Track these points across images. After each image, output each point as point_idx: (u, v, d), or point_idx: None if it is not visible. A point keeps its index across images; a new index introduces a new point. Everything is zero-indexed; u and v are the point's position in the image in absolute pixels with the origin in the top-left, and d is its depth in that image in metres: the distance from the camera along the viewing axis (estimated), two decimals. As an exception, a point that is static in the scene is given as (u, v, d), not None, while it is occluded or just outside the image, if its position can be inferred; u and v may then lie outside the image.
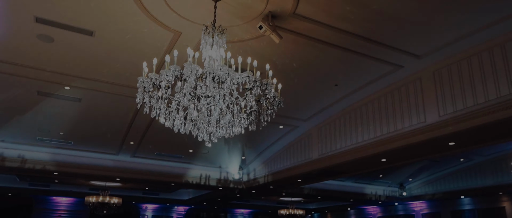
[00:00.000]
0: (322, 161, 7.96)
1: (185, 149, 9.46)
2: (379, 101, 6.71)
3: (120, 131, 8.39)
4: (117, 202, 11.91)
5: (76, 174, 9.58)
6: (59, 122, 8.00)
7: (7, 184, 12.67)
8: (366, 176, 12.15)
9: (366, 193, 13.31)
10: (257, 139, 9.13)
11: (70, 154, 9.22)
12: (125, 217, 16.01)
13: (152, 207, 16.59)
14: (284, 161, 9.41)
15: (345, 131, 7.46)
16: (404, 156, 6.89)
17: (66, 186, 13.39)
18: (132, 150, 9.37)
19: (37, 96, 6.99)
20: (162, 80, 3.58)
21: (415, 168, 12.08)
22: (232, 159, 10.25)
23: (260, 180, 10.24)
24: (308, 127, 8.47)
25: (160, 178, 10.11)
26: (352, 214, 17.77)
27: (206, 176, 10.54)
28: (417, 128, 5.86)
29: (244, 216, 18.71)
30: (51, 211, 14.69)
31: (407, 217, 15.05)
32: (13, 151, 8.81)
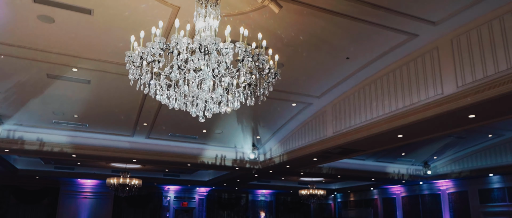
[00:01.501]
0: (337, 138, 7.70)
1: (198, 129, 9.39)
2: (394, 74, 6.35)
3: (132, 112, 8.39)
4: (138, 184, 12.08)
5: (93, 156, 9.71)
6: (72, 105, 8.07)
7: (33, 167, 13.11)
8: (388, 154, 11.77)
9: (389, 172, 12.94)
10: (270, 117, 8.94)
11: (86, 136, 9.34)
12: (148, 198, 16.32)
13: (174, 189, 16.82)
14: (299, 139, 9.20)
15: (359, 107, 7.16)
16: (422, 131, 6.54)
17: (89, 169, 13.73)
18: (146, 131, 9.39)
19: (48, 79, 7.02)
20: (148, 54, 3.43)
21: (440, 146, 11.59)
22: (247, 139, 10.12)
23: (276, 160, 10.09)
24: (322, 104, 8.19)
25: (176, 159, 10.12)
26: (375, 194, 17.42)
27: (221, 157, 10.48)
28: (433, 101, 5.50)
29: (265, 197, 18.71)
30: (76, 193, 15.15)
31: (432, 197, 14.59)
32: (32, 134, 9.00)
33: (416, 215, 15.03)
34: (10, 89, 7.36)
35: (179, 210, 16.94)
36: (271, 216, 18.65)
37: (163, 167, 12.88)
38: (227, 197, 17.90)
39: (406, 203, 15.69)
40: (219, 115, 8.71)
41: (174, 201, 16.86)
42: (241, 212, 18.03)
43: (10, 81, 7.06)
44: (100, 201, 15.34)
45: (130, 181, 11.90)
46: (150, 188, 16.27)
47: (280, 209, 19.08)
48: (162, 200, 16.62)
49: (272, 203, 18.86)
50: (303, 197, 14.92)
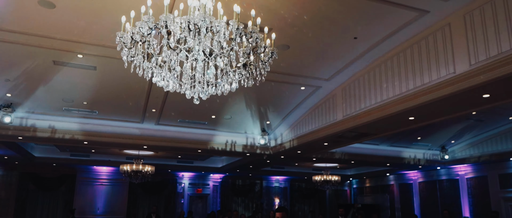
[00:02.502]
0: (346, 122, 7.50)
1: (207, 115, 9.33)
2: (404, 54, 6.09)
3: (140, 98, 8.37)
4: (150, 170, 12.17)
5: (104, 142, 9.79)
6: (80, 92, 8.09)
7: (50, 154, 13.38)
8: (403, 139, 11.48)
9: (404, 157, 12.63)
10: (279, 102, 8.78)
11: (96, 123, 9.40)
12: (163, 185, 16.49)
13: (188, 175, 16.93)
14: (309, 124, 9.03)
15: (369, 89, 6.93)
16: (434, 113, 6.27)
17: (104, 156, 13.92)
18: (155, 117, 9.39)
19: (55, 66, 7.04)
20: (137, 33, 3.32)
21: (458, 129, 11.21)
22: (257, 124, 10.00)
23: (286, 145, 9.96)
24: (332, 87, 7.97)
25: (186, 145, 10.11)
26: (391, 180, 17.13)
27: (232, 142, 10.41)
28: (445, 80, 5.24)
29: (279, 183, 18.66)
30: (93, 180, 15.43)
31: (450, 182, 14.22)
32: (44, 122, 9.11)
33: (434, 201, 14.71)
34: (19, 77, 7.42)
35: (194, 197, 17.08)
36: (285, 202, 18.61)
37: (175, 153, 12.93)
38: (241, 184, 17.92)
39: (423, 188, 15.37)
40: (227, 100, 8.67)
41: (189, 188, 17.00)
42: (255, 198, 18.05)
43: (18, 69, 7.11)
44: (115, 188, 15.60)
45: (143, 168, 11.99)
46: (164, 175, 16.43)
47: (295, 196, 19.01)
48: (177, 186, 16.77)
49: (287, 190, 18.80)
50: (317, 183, 14.78)
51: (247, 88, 8.06)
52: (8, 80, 7.59)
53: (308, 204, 19.22)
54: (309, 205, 19.15)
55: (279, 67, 7.05)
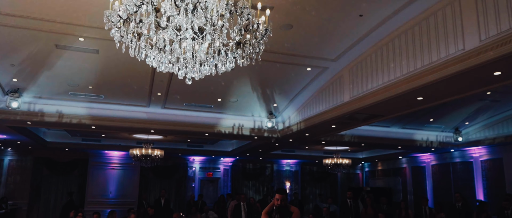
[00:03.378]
0: (353, 103, 7.31)
1: (213, 98, 9.24)
2: (413, 31, 5.83)
3: (145, 81, 8.32)
4: (160, 154, 12.22)
5: (111, 127, 9.83)
6: (85, 76, 8.08)
7: (61, 139, 13.56)
8: (414, 121, 11.21)
9: (416, 140, 12.36)
10: (285, 84, 8.62)
11: (103, 108, 9.42)
12: (174, 169, 16.61)
13: (199, 159, 17.00)
14: (316, 106, 8.87)
15: (376, 69, 6.71)
16: (443, 93, 6.03)
17: (114, 140, 14.03)
18: (161, 101, 9.35)
19: (57, 50, 7.01)
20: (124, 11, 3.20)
21: (472, 110, 10.87)
22: (264, 107, 9.88)
23: (294, 128, 9.82)
24: (339, 67, 7.76)
25: (193, 129, 10.08)
26: (404, 162, 16.87)
27: (239, 126, 10.33)
28: (453, 57, 4.99)
29: (290, 167, 18.60)
30: (105, 164, 15.64)
31: (464, 165, 13.91)
32: (51, 107, 9.16)
33: (447, 184, 14.45)
34: (23, 62, 7.43)
35: (205, 180, 17.18)
36: (296, 186, 18.59)
37: (183, 137, 12.95)
38: (252, 167, 17.93)
39: (436, 171, 15.09)
40: (232, 83, 8.54)
41: (200, 172, 17.09)
42: (266, 182, 18.06)
43: (21, 54, 7.11)
44: (127, 172, 15.78)
45: (152, 152, 12.04)
46: (175, 159, 16.54)
47: (306, 179, 18.95)
48: (188, 170, 16.88)
49: (298, 173, 18.75)
50: (327, 166, 14.65)
51: (252, 71, 7.94)
52: (13, 65, 7.61)
53: (319, 187, 19.15)
54: (320, 189, 19.09)
55: (283, 48, 6.88)
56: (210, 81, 8.41)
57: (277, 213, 4.06)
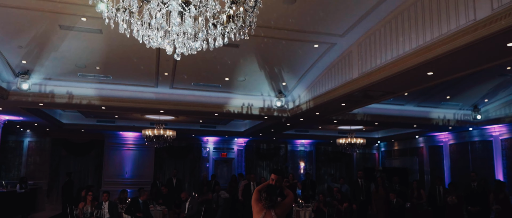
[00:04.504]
0: (361, 79, 7.08)
1: (220, 77, 9.14)
2: (422, 3, 5.53)
3: (150, 61, 8.27)
4: (172, 135, 12.29)
5: (120, 107, 9.88)
6: (91, 56, 8.09)
7: (77, 121, 13.80)
8: (430, 98, 10.85)
9: (432, 118, 11.99)
10: (293, 62, 8.42)
11: (111, 88, 9.46)
12: (188, 150, 16.75)
13: (213, 140, 17.07)
14: (325, 84, 8.65)
15: (385, 44, 6.44)
16: (453, 67, 5.73)
17: (128, 121, 14.19)
18: (168, 81, 9.31)
19: (61, 30, 7.00)
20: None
21: (491, 87, 10.42)
22: (273, 86, 9.72)
23: (303, 107, 9.65)
24: (347, 43, 7.50)
25: (202, 109, 10.03)
26: (421, 142, 16.49)
27: (248, 105, 10.22)
28: (463, 28, 4.70)
29: (305, 147, 18.48)
30: (120, 145, 15.89)
31: (483, 143, 13.48)
32: (61, 88, 9.26)
33: (465, 163, 14.07)
34: (30, 43, 7.47)
35: (219, 161, 17.28)
36: (311, 166, 18.49)
37: (194, 118, 12.96)
38: (266, 148, 17.90)
39: (454, 150, 14.70)
40: (238, 61, 8.40)
41: (213, 152, 17.19)
42: (280, 162, 18.04)
43: (27, 35, 7.14)
44: (142, 153, 16.01)
45: (164, 132, 12.12)
46: (189, 140, 16.66)
47: (321, 159, 18.83)
48: (202, 151, 16.99)
49: (312, 153, 18.62)
50: (341, 146, 14.45)
51: (257, 48, 7.77)
52: (21, 47, 7.67)
53: (334, 167, 19.02)
54: (335, 169, 18.96)
55: (287, 23, 6.66)
56: (216, 60, 8.30)
57: (265, 192, 3.94)
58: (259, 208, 3.99)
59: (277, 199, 4.05)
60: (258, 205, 4.00)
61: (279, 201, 4.05)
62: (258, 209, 3.99)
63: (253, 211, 4.03)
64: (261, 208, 3.97)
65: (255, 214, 4.01)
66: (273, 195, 3.98)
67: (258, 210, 3.99)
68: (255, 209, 4.01)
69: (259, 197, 4.01)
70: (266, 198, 3.95)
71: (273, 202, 3.96)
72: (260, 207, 3.99)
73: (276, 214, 3.94)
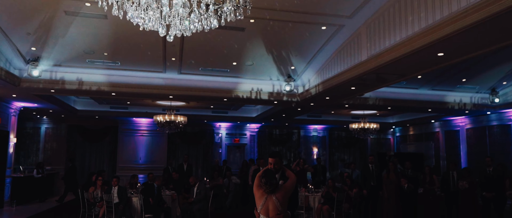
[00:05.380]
0: (370, 62, 6.88)
1: (228, 61, 9.05)
2: (432, -21, 5.28)
3: (157, 47, 8.24)
4: (183, 120, 12.32)
5: (129, 93, 9.93)
6: (99, 42, 8.11)
7: (91, 107, 14.00)
8: (445, 81, 10.52)
9: (448, 102, 11.65)
10: (301, 45, 8.25)
11: (120, 75, 9.49)
12: (201, 135, 16.84)
13: (225, 125, 17.09)
14: (334, 68, 8.47)
15: (394, 24, 6.22)
16: (464, 47, 5.48)
17: (141, 108, 14.32)
18: (176, 66, 9.28)
19: (67, 16, 7.02)
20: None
21: (510, 69, 10.01)
22: (281, 70, 9.58)
23: (312, 91, 9.50)
24: (356, 25, 7.29)
25: (210, 94, 9.99)
26: (436, 127, 16.12)
27: (257, 90, 10.12)
28: (474, 5, 4.47)
29: (318, 132, 18.32)
30: (133, 131, 16.08)
31: (501, 128, 13.06)
32: (71, 75, 9.36)
33: (482, 148, 13.69)
34: (38, 30, 7.53)
35: (231, 146, 17.33)
36: (324, 151, 18.36)
37: (205, 103, 12.96)
38: (278, 133, 17.84)
39: (471, 135, 14.31)
40: (245, 45, 8.28)
41: (226, 138, 17.23)
42: (293, 147, 17.96)
43: (34, 22, 7.19)
44: (155, 139, 16.17)
45: (175, 118, 12.16)
46: (202, 125, 16.72)
47: (334, 145, 18.66)
48: (214, 136, 17.05)
49: (325, 139, 18.46)
50: (354, 131, 14.25)
51: (263, 31, 7.63)
52: (29, 34, 7.74)
53: (348, 153, 18.84)
54: (349, 154, 18.78)
55: (293, 5, 6.50)
56: (223, 45, 8.21)
57: (263, 177, 3.88)
58: (260, 193, 3.96)
59: (278, 182, 3.99)
60: (259, 191, 3.97)
61: (281, 184, 4.00)
62: (260, 195, 3.96)
63: (255, 197, 4.00)
64: (262, 193, 3.94)
65: (257, 200, 3.98)
66: (272, 180, 3.92)
67: (259, 196, 3.96)
68: (257, 195, 3.98)
69: (259, 183, 3.97)
70: (265, 183, 3.90)
71: (273, 186, 3.91)
72: (261, 193, 3.95)
73: (277, 199, 3.89)
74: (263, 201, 3.90)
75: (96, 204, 8.09)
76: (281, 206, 3.87)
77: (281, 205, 3.87)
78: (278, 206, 3.86)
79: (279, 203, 3.87)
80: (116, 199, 7.81)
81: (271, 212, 3.87)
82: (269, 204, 3.89)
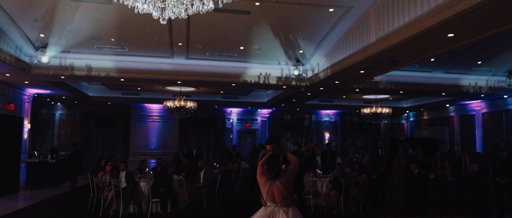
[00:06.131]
0: (378, 44, 6.70)
1: (235, 46, 8.95)
2: (442, -45, 5.04)
3: (163, 32, 8.20)
4: (193, 106, 12.33)
5: (138, 79, 9.96)
6: (105, 28, 8.10)
7: (102, 93, 14.15)
8: (459, 64, 10.20)
9: (462, 85, 11.32)
10: (308, 28, 8.08)
11: (128, 60, 9.52)
12: (212, 121, 16.88)
13: (236, 111, 17.07)
14: (343, 51, 8.30)
15: (403, 5, 6.01)
16: (475, 27, 5.25)
17: (151, 94, 14.40)
18: (183, 51, 9.24)
19: (72, 2, 7.02)
20: None
21: (528, 50, 9.63)
22: (289, 54, 9.43)
23: (321, 75, 9.35)
24: (364, 6, 7.08)
25: (219, 79, 9.95)
26: (451, 111, 15.74)
27: (265, 75, 10.02)
28: (484, -18, 4.26)
29: (330, 118, 18.14)
30: (145, 117, 16.22)
31: (519, 112, 12.69)
32: (80, 61, 9.42)
33: (499, 133, 13.34)
34: (45, 16, 7.57)
35: (242, 132, 17.33)
36: (336, 136, 18.20)
37: (213, 89, 12.93)
38: (290, 118, 17.74)
39: (487, 120, 13.95)
40: (251, 29, 8.16)
41: (237, 123, 17.23)
42: (305, 133, 17.86)
43: (41, 8, 7.22)
44: (167, 124, 16.29)
45: (185, 104, 12.17)
46: (213, 111, 16.75)
47: (346, 130, 18.48)
48: (225, 122, 17.07)
49: (338, 124, 18.29)
50: (366, 116, 14.05)
51: (269, 14, 7.48)
52: (37, 20, 7.78)
53: (360, 138, 18.64)
54: (362, 140, 18.58)
55: (298, -14, 6.34)
56: (228, 28, 8.10)
57: (265, 163, 3.84)
58: (264, 180, 3.94)
59: (281, 168, 3.94)
60: (263, 178, 3.95)
61: (284, 169, 3.95)
62: (264, 182, 3.94)
63: (260, 184, 3.99)
64: (266, 180, 3.92)
65: (262, 187, 3.96)
66: (274, 166, 3.89)
67: (263, 182, 3.95)
68: (261, 182, 3.96)
69: (262, 170, 3.95)
70: (267, 169, 3.88)
71: (275, 172, 3.87)
72: (264, 180, 3.93)
73: (282, 183, 3.86)
74: (268, 188, 3.88)
75: (105, 189, 8.21)
76: (286, 191, 3.83)
77: (286, 189, 3.83)
78: (283, 191, 3.82)
79: (283, 187, 3.83)
80: (123, 184, 7.90)
81: (277, 198, 3.84)
82: (274, 190, 3.86)
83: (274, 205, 3.79)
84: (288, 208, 3.77)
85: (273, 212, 3.76)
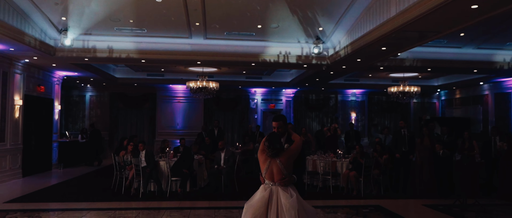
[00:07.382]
0: (398, 17, 6.38)
1: (253, 24, 8.82)
2: None
3: (179, 11, 8.17)
4: (215, 86, 12.35)
5: (158, 60, 10.07)
6: (122, 9, 8.18)
7: (129, 75, 14.45)
8: (491, 39, 9.58)
9: (496, 61, 10.67)
10: (326, 3, 7.81)
11: (148, 41, 9.61)
12: (236, 101, 16.91)
13: (261, 91, 17.00)
14: (364, 27, 7.99)
15: (424, -25, 5.65)
16: (501, -4, 4.88)
17: (176, 75, 14.55)
18: (201, 31, 9.20)
19: (88, -16, 7.10)
20: None
21: None
22: (309, 32, 9.19)
23: (341, 53, 9.07)
24: (384, -21, 6.73)
25: (238, 59, 9.88)
26: (485, 89, 14.94)
27: (285, 53, 9.85)
28: None
29: (356, 97, 17.69)
30: (171, 98, 16.48)
31: (560, 89, 11.85)
32: (102, 43, 9.60)
33: (537, 112, 12.58)
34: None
35: (267, 112, 17.27)
36: (363, 116, 17.80)
37: (236, 69, 12.89)
38: (315, 98, 17.48)
39: (525, 98, 13.16)
40: (268, 6, 7.98)
41: (261, 103, 17.18)
42: (330, 113, 17.56)
43: (59, -10, 7.35)
44: (192, 105, 16.49)
45: (207, 84, 12.21)
46: (237, 91, 16.76)
47: (374, 109, 18.00)
48: (250, 102, 17.06)
49: (365, 103, 17.83)
50: (393, 95, 13.57)
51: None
52: (57, 3, 7.96)
53: (388, 118, 18.13)
54: (390, 120, 18.07)
55: (312, -40, 6.09)
56: (245, 6, 7.97)
57: (267, 140, 3.76)
58: (264, 158, 3.86)
59: (282, 146, 3.86)
60: (263, 155, 3.87)
61: (286, 148, 3.87)
62: (264, 159, 3.87)
63: (260, 162, 3.91)
64: (266, 157, 3.84)
65: (261, 164, 3.89)
66: (275, 143, 3.80)
67: (263, 160, 3.87)
68: (261, 159, 3.89)
69: (264, 147, 3.87)
70: (268, 146, 3.80)
71: (276, 150, 3.79)
72: (264, 157, 3.86)
73: (281, 162, 3.78)
74: (267, 165, 3.81)
75: (126, 167, 8.45)
76: (285, 170, 3.75)
77: (285, 168, 3.75)
78: (282, 170, 3.74)
79: (283, 166, 3.75)
80: (143, 163, 8.08)
81: (275, 176, 3.77)
82: (273, 168, 3.79)
83: (272, 184, 3.73)
84: (287, 187, 3.70)
85: (272, 192, 3.70)
